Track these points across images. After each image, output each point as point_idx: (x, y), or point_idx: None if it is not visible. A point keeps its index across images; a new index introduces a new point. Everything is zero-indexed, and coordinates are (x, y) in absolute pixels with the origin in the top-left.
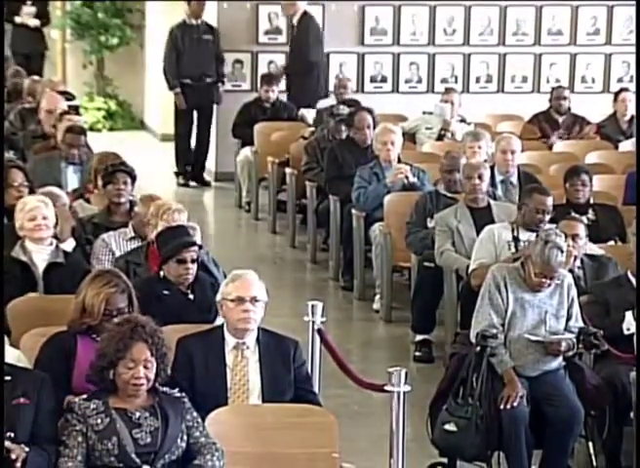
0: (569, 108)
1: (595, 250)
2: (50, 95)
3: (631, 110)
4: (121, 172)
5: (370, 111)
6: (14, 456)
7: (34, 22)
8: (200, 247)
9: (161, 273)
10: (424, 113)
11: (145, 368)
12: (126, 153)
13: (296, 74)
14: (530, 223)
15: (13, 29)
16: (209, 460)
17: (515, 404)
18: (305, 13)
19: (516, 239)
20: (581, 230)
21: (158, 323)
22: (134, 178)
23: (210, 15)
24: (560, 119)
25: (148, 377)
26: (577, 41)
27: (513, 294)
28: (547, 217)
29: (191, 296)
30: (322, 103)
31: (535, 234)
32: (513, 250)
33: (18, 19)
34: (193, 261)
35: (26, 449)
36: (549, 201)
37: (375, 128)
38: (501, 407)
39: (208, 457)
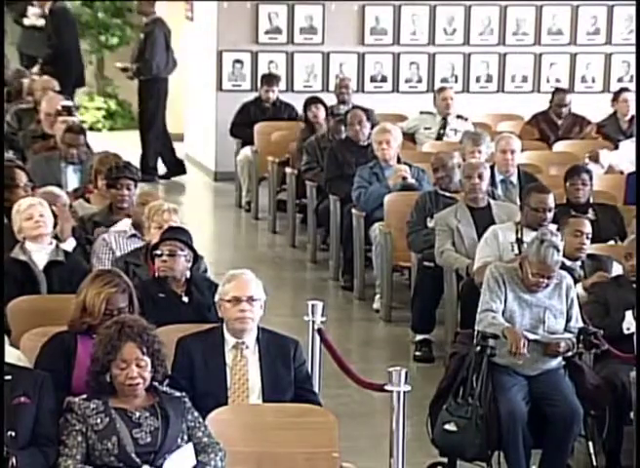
0: (569, 110)
1: None
2: (50, 97)
3: (633, 110)
4: (125, 177)
5: (365, 110)
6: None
7: (42, 22)
8: (195, 254)
9: (156, 274)
10: (422, 113)
11: (138, 366)
12: (126, 153)
13: (49, 63)
14: (532, 223)
15: (24, 31)
16: (212, 459)
17: (525, 351)
18: (54, 5)
19: (519, 240)
20: (590, 228)
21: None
22: (137, 181)
23: (210, 15)
24: (559, 121)
25: (143, 376)
26: (577, 41)
27: (512, 293)
28: (550, 216)
29: (185, 299)
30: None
31: None
32: (517, 251)
33: (27, 22)
34: (171, 255)
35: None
36: (549, 199)
37: (373, 127)
38: (516, 360)
39: (212, 456)
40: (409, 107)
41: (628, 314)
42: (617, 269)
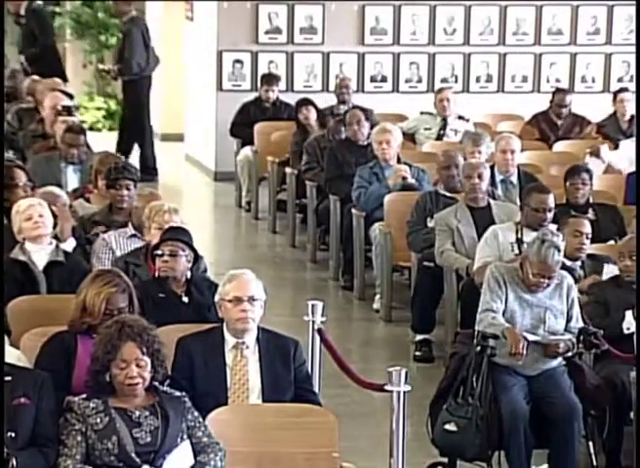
0: (569, 110)
1: None
2: (54, 94)
3: (630, 110)
4: (124, 178)
5: (364, 110)
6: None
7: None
8: (196, 254)
9: (156, 274)
10: (422, 113)
11: (138, 366)
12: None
13: (34, 61)
14: (532, 223)
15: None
16: (212, 459)
17: (524, 351)
18: (30, 5)
19: (519, 240)
20: (590, 228)
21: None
22: (137, 181)
23: (210, 15)
24: (559, 121)
25: (143, 376)
26: (577, 41)
27: (513, 293)
28: (550, 216)
29: (186, 299)
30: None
31: None
32: (517, 251)
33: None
34: (172, 255)
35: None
36: (550, 199)
37: (373, 127)
38: (515, 362)
39: (212, 456)
40: (409, 107)
41: (628, 314)
42: (607, 271)
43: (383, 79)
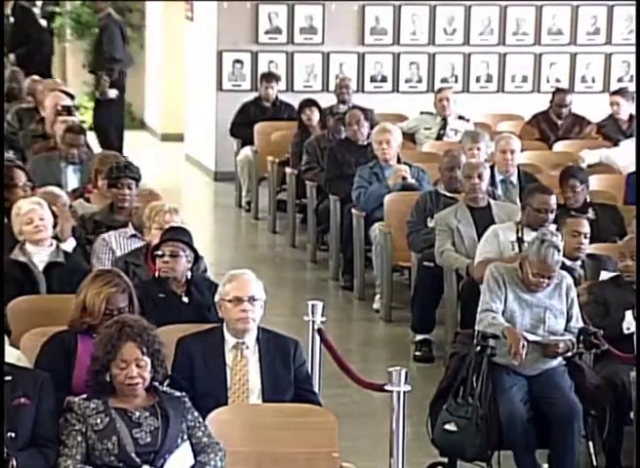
0: (569, 110)
1: None
2: (55, 94)
3: (625, 112)
4: (126, 177)
5: (363, 110)
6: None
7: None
8: (196, 254)
9: (157, 274)
10: (422, 113)
11: (138, 366)
12: (126, 153)
13: (24, 58)
14: (534, 223)
15: None
16: (212, 459)
17: (524, 354)
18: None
19: (520, 240)
20: (588, 228)
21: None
22: (138, 180)
23: (210, 15)
24: (559, 121)
25: (143, 376)
26: (577, 41)
27: (513, 293)
28: (551, 216)
29: (186, 299)
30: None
31: None
32: (517, 250)
33: None
34: (173, 256)
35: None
36: (552, 200)
37: (373, 127)
38: (513, 362)
39: (212, 456)
40: (409, 107)
41: (628, 314)
42: (604, 275)
43: (383, 79)
